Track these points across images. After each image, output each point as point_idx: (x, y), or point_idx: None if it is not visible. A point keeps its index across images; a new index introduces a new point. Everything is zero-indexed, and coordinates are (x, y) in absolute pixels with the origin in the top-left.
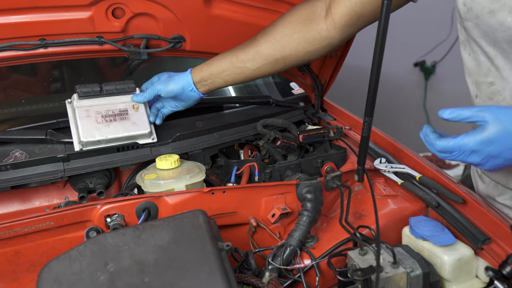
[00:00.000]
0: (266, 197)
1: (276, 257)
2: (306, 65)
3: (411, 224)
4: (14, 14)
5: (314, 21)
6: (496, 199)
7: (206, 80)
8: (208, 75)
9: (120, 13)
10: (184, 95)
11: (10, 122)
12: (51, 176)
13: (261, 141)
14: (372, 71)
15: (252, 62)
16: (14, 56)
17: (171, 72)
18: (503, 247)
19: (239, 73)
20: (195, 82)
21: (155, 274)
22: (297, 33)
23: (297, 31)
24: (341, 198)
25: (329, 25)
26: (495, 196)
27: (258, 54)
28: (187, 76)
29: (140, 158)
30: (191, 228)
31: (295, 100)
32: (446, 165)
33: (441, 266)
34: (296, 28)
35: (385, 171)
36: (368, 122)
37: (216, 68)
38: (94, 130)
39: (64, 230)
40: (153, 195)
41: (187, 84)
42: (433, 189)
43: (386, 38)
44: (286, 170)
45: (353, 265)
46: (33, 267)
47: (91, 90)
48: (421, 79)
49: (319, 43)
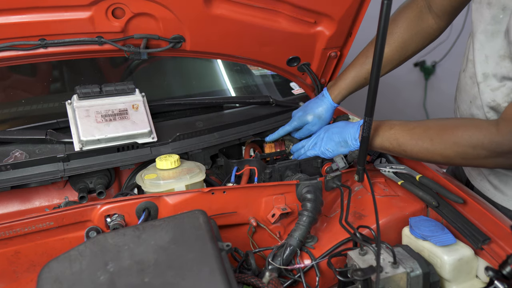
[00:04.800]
0: (266, 197)
1: (276, 257)
2: (306, 65)
3: (411, 224)
4: (14, 14)
5: (423, 19)
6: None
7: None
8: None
9: (120, 13)
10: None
11: (10, 122)
12: (51, 176)
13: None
14: (372, 71)
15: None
16: (14, 56)
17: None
18: (503, 247)
19: (365, 83)
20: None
21: (155, 274)
22: (415, 36)
23: (414, 33)
24: (341, 198)
25: (436, 18)
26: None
27: (385, 61)
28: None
29: (140, 158)
30: (191, 228)
31: (295, 100)
32: None
33: (441, 266)
34: (412, 30)
35: (385, 171)
36: (368, 122)
37: (346, 82)
38: (94, 129)
39: (64, 230)
40: (153, 195)
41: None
42: (433, 189)
43: (386, 38)
44: (286, 170)
45: (353, 265)
46: (33, 267)
47: (90, 91)
48: (421, 79)
49: (432, 35)
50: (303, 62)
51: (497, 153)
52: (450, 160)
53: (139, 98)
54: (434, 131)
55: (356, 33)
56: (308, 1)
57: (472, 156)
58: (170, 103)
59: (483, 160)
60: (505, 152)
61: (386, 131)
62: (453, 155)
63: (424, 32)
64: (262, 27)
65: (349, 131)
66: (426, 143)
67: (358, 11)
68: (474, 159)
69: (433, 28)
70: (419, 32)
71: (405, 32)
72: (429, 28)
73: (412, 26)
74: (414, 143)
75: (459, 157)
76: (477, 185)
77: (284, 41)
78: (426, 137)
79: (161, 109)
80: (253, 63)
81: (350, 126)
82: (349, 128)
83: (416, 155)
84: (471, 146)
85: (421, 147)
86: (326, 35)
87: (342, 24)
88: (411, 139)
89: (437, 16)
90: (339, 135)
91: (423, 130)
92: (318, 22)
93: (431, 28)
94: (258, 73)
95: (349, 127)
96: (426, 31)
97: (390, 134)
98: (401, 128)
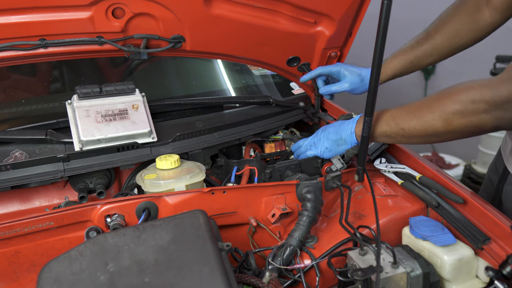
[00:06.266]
0: (266, 197)
1: (276, 257)
2: (306, 65)
3: (411, 224)
4: (14, 14)
5: (479, 11)
6: None
7: (387, 73)
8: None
9: (120, 13)
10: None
11: (10, 122)
12: (51, 176)
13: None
14: (372, 71)
15: (427, 57)
16: (14, 56)
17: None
18: (503, 247)
19: (411, 67)
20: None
21: (155, 274)
22: (468, 26)
23: (467, 23)
24: (341, 198)
25: (492, 12)
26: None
27: (434, 49)
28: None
29: (140, 158)
30: (191, 228)
31: (295, 100)
32: (446, 165)
33: (441, 266)
34: (466, 21)
35: (385, 171)
36: (368, 122)
37: (393, 71)
38: (94, 129)
39: (64, 230)
40: (153, 195)
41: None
42: (433, 189)
43: (386, 38)
44: (286, 170)
45: (353, 265)
46: (33, 267)
47: (90, 91)
48: (421, 79)
49: (485, 29)
50: (303, 62)
51: (496, 104)
52: (449, 124)
53: (139, 98)
54: (431, 100)
55: (356, 33)
56: (308, 1)
57: (472, 111)
58: (170, 103)
59: (483, 116)
60: (504, 102)
61: (384, 115)
62: (452, 115)
63: (477, 24)
64: (262, 27)
65: (344, 127)
66: (424, 111)
67: (358, 11)
68: (473, 114)
69: (487, 22)
70: (472, 23)
71: (458, 22)
72: (483, 21)
73: (465, 17)
74: (412, 117)
75: (458, 116)
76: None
77: (284, 41)
78: (423, 106)
79: (161, 109)
80: (253, 63)
81: (346, 123)
82: (345, 125)
83: (414, 130)
84: (470, 101)
85: (418, 118)
86: (326, 35)
87: (342, 24)
88: (408, 113)
89: (495, 9)
90: (336, 134)
91: (420, 102)
92: (318, 22)
93: (485, 22)
94: (258, 73)
95: (345, 124)
96: (479, 24)
97: (388, 116)
98: (398, 108)
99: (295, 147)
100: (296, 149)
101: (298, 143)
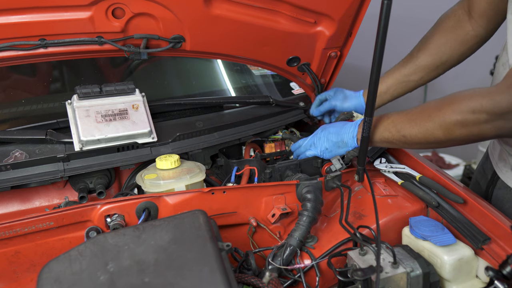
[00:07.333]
0: (266, 197)
1: (276, 257)
2: (306, 65)
3: (411, 224)
4: (14, 14)
5: (460, 26)
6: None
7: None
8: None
9: (120, 13)
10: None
11: (10, 122)
12: (51, 176)
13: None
14: (372, 71)
15: (414, 75)
16: (14, 56)
17: (346, 91)
18: (503, 247)
19: (403, 86)
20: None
21: (155, 274)
22: (449, 41)
23: (449, 38)
24: (341, 198)
25: (474, 25)
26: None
27: (418, 67)
28: (359, 98)
29: (140, 158)
30: (191, 228)
31: (295, 100)
32: (446, 165)
33: (441, 266)
34: (448, 37)
35: (385, 171)
36: (368, 122)
37: (384, 87)
38: (94, 129)
39: (64, 230)
40: (153, 195)
41: (360, 104)
42: (433, 189)
43: (386, 38)
44: (286, 170)
45: (353, 265)
46: (33, 267)
47: (91, 91)
48: None
49: (469, 43)
50: (303, 62)
51: (497, 114)
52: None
53: (139, 98)
54: (431, 108)
55: (356, 33)
56: (308, 1)
57: (472, 121)
58: (170, 103)
59: (484, 126)
60: (504, 112)
61: (384, 121)
62: (452, 125)
63: (459, 38)
64: (262, 27)
65: (346, 130)
66: (425, 120)
67: (358, 11)
68: (474, 124)
69: (470, 35)
70: (454, 37)
71: (439, 38)
72: (465, 34)
73: (446, 32)
74: (413, 124)
75: (459, 126)
76: (502, 176)
77: (284, 41)
78: (424, 115)
79: (161, 109)
80: (253, 63)
81: (347, 125)
82: (347, 128)
83: (416, 138)
84: (470, 111)
85: (420, 127)
86: (326, 35)
87: (342, 24)
88: (409, 121)
89: (476, 22)
90: (337, 135)
91: (420, 110)
92: (318, 22)
93: (467, 35)
94: (258, 73)
95: (347, 126)
96: (462, 38)
97: (388, 122)
98: (399, 114)
99: (295, 147)
100: (295, 148)
101: (297, 142)
